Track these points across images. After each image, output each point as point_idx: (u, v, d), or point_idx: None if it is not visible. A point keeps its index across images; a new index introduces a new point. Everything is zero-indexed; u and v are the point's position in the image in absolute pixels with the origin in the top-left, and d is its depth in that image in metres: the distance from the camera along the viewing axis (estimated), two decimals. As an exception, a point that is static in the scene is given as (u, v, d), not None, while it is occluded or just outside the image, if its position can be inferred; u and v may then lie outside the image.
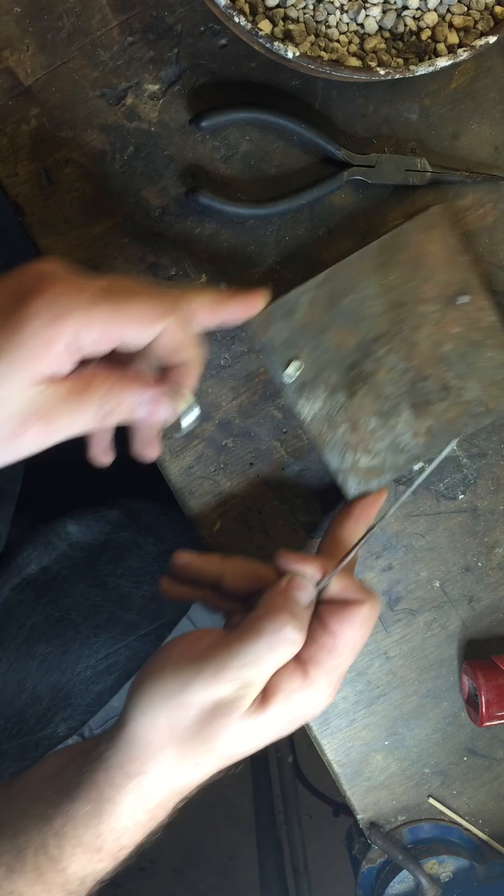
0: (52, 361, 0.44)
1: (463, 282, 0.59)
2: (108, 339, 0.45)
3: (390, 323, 0.60)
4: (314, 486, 0.64)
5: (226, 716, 0.48)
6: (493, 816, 0.69)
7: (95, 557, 0.88)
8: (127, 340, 0.46)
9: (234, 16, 0.51)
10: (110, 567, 0.88)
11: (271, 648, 0.48)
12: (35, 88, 0.59)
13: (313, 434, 0.60)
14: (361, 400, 0.60)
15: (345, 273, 0.59)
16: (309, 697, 0.50)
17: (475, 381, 0.60)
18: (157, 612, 0.90)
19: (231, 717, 0.48)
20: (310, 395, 0.60)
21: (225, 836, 1.80)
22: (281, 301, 0.59)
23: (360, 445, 0.61)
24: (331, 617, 0.51)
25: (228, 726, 0.48)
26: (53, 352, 0.43)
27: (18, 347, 0.43)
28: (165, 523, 0.92)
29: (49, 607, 0.81)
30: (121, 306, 0.45)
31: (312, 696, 0.50)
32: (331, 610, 0.52)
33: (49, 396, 0.44)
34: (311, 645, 0.50)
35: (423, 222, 0.59)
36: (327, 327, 0.59)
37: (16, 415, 0.44)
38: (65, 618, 0.81)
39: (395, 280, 0.59)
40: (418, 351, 0.60)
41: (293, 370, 0.59)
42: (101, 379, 0.46)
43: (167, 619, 0.90)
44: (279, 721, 0.49)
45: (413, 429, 0.61)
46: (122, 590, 0.88)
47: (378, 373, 0.60)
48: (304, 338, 0.59)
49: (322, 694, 0.51)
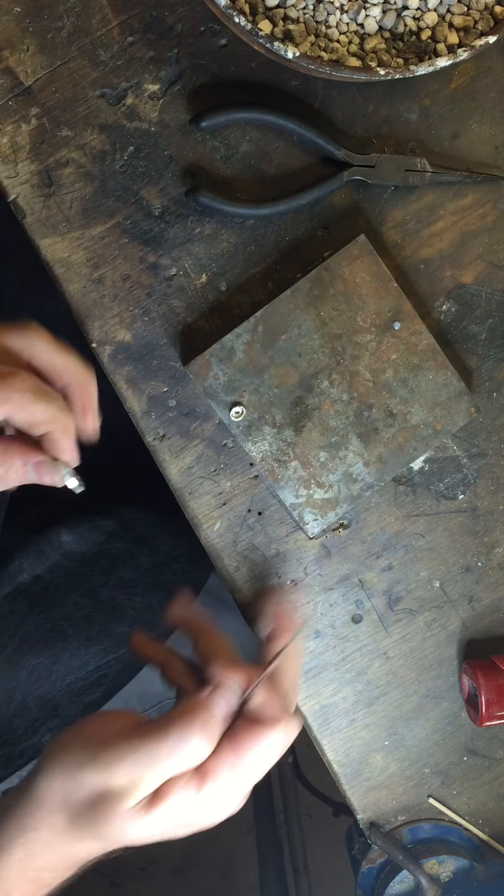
0: None
1: (395, 308, 0.60)
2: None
3: (329, 356, 0.60)
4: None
5: (111, 805, 0.47)
6: (493, 816, 0.69)
7: (89, 568, 0.88)
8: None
9: (234, 16, 0.51)
10: (103, 578, 0.88)
11: (171, 755, 0.47)
12: (35, 88, 0.59)
13: (265, 473, 0.61)
14: (309, 435, 0.61)
15: (278, 312, 0.60)
16: (199, 809, 0.49)
17: (419, 404, 0.61)
18: (149, 624, 0.90)
19: (116, 808, 0.47)
20: (257, 435, 0.61)
21: (225, 836, 1.80)
22: (217, 346, 0.59)
23: (313, 479, 0.61)
24: (242, 732, 0.50)
25: (113, 816, 0.47)
26: None
27: None
28: (160, 535, 0.92)
29: (40, 617, 0.81)
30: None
31: (203, 808, 0.49)
32: (244, 725, 0.50)
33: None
34: (215, 757, 0.49)
35: (349, 254, 0.60)
36: (267, 367, 0.60)
37: None
38: (56, 628, 0.81)
39: (329, 313, 0.60)
40: (359, 381, 0.61)
41: (237, 413, 0.60)
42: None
43: (159, 631, 0.90)
44: (165, 824, 0.49)
45: (364, 458, 0.61)
46: (115, 601, 0.88)
47: (322, 406, 0.61)
48: (245, 379, 0.60)
49: (215, 808, 0.50)
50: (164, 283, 0.61)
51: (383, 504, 0.64)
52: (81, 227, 0.60)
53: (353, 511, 0.64)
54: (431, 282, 0.63)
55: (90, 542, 0.89)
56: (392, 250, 0.62)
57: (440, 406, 0.61)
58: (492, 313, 0.64)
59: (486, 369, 0.64)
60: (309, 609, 0.65)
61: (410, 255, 0.63)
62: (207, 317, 0.62)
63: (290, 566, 0.64)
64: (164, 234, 0.61)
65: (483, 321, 0.64)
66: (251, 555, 0.64)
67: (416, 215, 0.62)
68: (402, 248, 0.62)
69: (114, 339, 0.61)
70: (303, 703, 0.66)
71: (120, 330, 0.61)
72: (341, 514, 0.62)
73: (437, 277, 0.63)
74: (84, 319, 0.61)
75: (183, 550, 0.92)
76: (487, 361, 0.64)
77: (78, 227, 0.60)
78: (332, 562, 0.65)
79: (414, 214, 0.62)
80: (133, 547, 0.90)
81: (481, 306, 0.63)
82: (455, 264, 0.63)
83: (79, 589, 0.87)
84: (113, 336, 0.61)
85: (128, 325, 0.61)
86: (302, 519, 0.62)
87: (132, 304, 0.61)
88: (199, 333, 0.62)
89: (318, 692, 0.66)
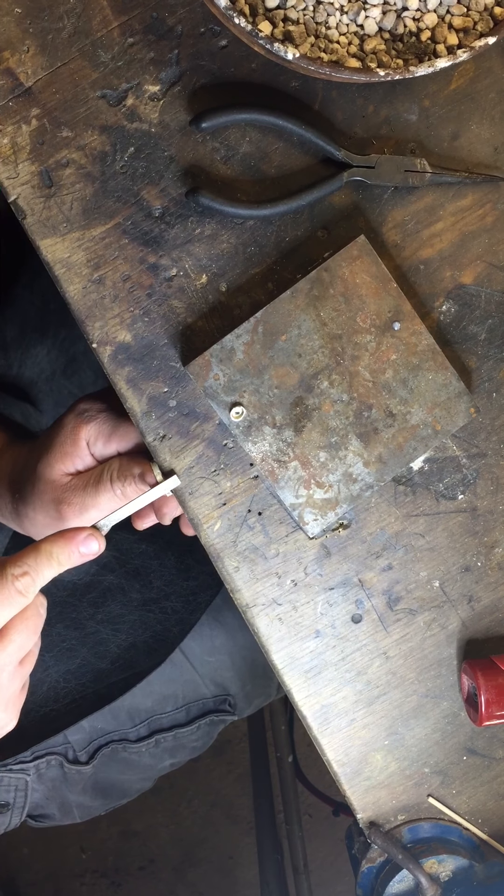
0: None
1: (395, 308, 0.60)
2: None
3: (328, 356, 0.60)
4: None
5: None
6: (493, 816, 0.69)
7: (77, 598, 0.88)
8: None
9: (234, 17, 0.51)
10: (91, 610, 0.88)
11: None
12: (35, 89, 0.59)
13: (265, 473, 0.61)
14: (309, 435, 0.61)
15: (278, 313, 0.60)
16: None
17: (419, 405, 0.61)
18: (130, 662, 0.90)
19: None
20: (257, 435, 0.61)
21: (225, 836, 1.80)
22: (217, 347, 0.59)
23: (313, 479, 0.61)
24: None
25: None
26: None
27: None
28: (156, 568, 0.91)
29: None
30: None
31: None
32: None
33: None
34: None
35: (349, 254, 0.60)
36: (267, 367, 0.60)
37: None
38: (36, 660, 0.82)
39: (329, 314, 0.60)
40: (359, 381, 0.61)
41: (237, 413, 0.60)
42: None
43: (139, 669, 0.90)
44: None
45: (363, 458, 0.61)
46: (100, 635, 0.88)
47: (322, 407, 0.61)
48: (245, 380, 0.60)
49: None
50: (165, 283, 0.61)
51: (383, 504, 0.64)
52: (82, 228, 0.60)
53: (352, 511, 0.64)
54: (431, 282, 0.63)
55: (81, 571, 0.89)
56: (392, 251, 0.63)
57: (440, 406, 0.61)
58: (491, 313, 0.64)
59: (486, 369, 0.64)
60: (309, 609, 0.65)
61: (410, 256, 0.63)
62: (207, 317, 0.62)
63: (290, 566, 0.64)
64: (165, 234, 0.61)
65: (483, 321, 0.64)
66: (251, 555, 0.64)
67: (415, 216, 0.62)
68: (402, 249, 0.63)
69: (114, 339, 0.61)
70: (303, 703, 0.66)
71: (120, 330, 0.61)
72: (341, 514, 0.62)
73: (436, 278, 0.63)
74: (84, 320, 0.61)
75: (176, 588, 0.92)
76: (487, 362, 0.64)
77: (78, 227, 0.60)
78: (332, 562, 0.65)
79: (414, 215, 0.62)
80: (125, 581, 0.89)
81: (481, 307, 0.64)
82: (455, 265, 0.63)
83: (65, 619, 0.87)
84: (113, 336, 0.61)
85: (128, 326, 0.61)
86: (302, 519, 0.62)
87: (132, 304, 0.61)
88: (199, 334, 0.62)
89: (318, 692, 0.66)
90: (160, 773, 1.00)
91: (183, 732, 0.95)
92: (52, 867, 1.79)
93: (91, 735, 0.92)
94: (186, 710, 0.95)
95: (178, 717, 0.95)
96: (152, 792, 1.05)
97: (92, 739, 0.92)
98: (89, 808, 0.97)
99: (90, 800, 0.96)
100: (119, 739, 0.93)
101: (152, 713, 0.94)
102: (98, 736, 0.92)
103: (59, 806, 0.94)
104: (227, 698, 0.98)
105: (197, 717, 0.96)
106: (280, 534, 0.64)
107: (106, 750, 0.92)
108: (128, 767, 0.95)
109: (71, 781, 0.93)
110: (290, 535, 0.64)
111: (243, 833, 1.78)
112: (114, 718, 0.93)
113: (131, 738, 0.93)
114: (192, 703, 0.96)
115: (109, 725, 0.92)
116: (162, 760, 0.97)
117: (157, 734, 0.94)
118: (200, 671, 0.95)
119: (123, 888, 1.80)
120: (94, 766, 0.92)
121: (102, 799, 0.97)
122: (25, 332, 0.90)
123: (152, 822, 1.79)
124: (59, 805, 0.94)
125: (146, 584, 0.90)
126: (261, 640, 0.65)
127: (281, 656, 0.65)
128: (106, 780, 0.95)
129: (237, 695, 0.99)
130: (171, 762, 0.99)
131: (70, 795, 0.94)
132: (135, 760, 0.95)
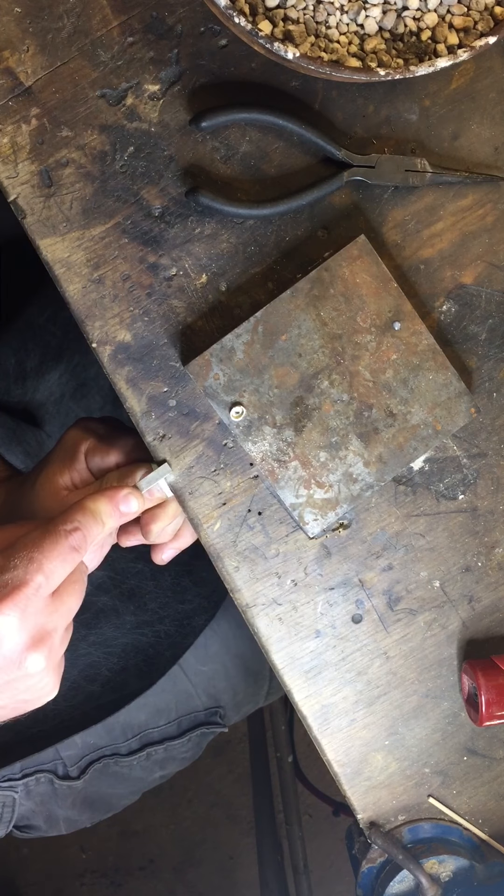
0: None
1: (395, 308, 0.60)
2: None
3: (329, 356, 0.60)
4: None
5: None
6: (493, 816, 0.69)
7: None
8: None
9: (234, 16, 0.51)
10: (83, 631, 0.87)
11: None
12: (35, 89, 0.59)
13: (265, 473, 0.61)
14: (309, 435, 0.61)
15: (278, 312, 0.60)
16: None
17: (419, 404, 0.61)
18: (120, 685, 0.89)
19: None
20: (257, 435, 0.61)
21: (225, 836, 1.80)
22: (217, 346, 0.59)
23: (313, 479, 0.61)
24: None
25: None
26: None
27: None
28: (151, 590, 0.91)
29: None
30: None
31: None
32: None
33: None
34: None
35: (349, 254, 0.60)
36: (267, 367, 0.60)
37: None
38: None
39: (329, 314, 0.60)
40: (359, 381, 0.61)
41: (237, 413, 0.60)
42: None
43: (128, 692, 0.89)
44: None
45: (364, 458, 0.61)
46: (91, 658, 0.87)
47: (322, 406, 0.61)
48: (245, 379, 0.60)
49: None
50: (164, 283, 0.61)
51: (383, 504, 0.64)
52: (81, 228, 0.60)
53: (353, 511, 0.64)
54: (431, 282, 0.63)
55: None
56: (392, 250, 0.62)
57: (440, 406, 0.61)
58: (492, 313, 0.64)
59: (486, 369, 0.64)
60: (309, 609, 0.65)
61: (410, 256, 0.63)
62: (207, 317, 0.62)
63: (290, 566, 0.64)
64: (164, 234, 0.61)
65: (483, 321, 0.64)
66: (251, 555, 0.64)
67: (416, 216, 0.62)
68: (402, 249, 0.63)
69: (114, 339, 0.61)
70: (303, 703, 0.66)
71: (120, 330, 0.61)
72: (341, 514, 0.62)
73: (437, 278, 0.63)
74: (84, 319, 0.61)
75: (170, 611, 0.91)
76: (487, 362, 0.64)
77: (78, 227, 0.60)
78: (332, 562, 0.65)
79: (414, 215, 0.62)
80: (119, 602, 0.89)
81: (481, 306, 0.63)
82: (455, 265, 0.63)
83: None
84: (113, 336, 0.61)
85: (128, 326, 0.61)
86: (302, 519, 0.62)
87: (132, 304, 0.61)
88: (199, 333, 0.62)
89: (318, 692, 0.66)
90: (150, 785, 1.00)
91: (174, 745, 0.95)
92: (52, 867, 1.79)
93: (84, 750, 0.92)
94: (178, 724, 0.96)
95: (169, 730, 0.95)
96: (152, 792, 1.05)
97: (84, 755, 0.92)
98: (76, 821, 0.97)
99: (77, 814, 0.96)
100: (111, 754, 0.93)
101: (145, 727, 0.94)
102: (91, 751, 0.92)
103: (45, 819, 0.94)
104: (217, 710, 0.98)
105: (188, 730, 0.96)
106: (280, 534, 0.64)
107: (97, 765, 0.92)
108: (118, 781, 0.95)
109: (61, 796, 0.93)
110: (291, 535, 0.64)
111: (243, 833, 1.78)
112: (107, 733, 0.92)
113: (123, 752, 0.93)
114: (185, 716, 0.96)
115: (102, 741, 0.92)
116: (152, 773, 0.97)
117: (149, 747, 0.94)
118: (194, 681, 0.95)
119: (123, 888, 1.80)
120: (84, 781, 0.92)
121: (90, 812, 0.97)
122: (45, 361, 0.90)
123: (152, 822, 1.79)
124: (45, 818, 0.94)
125: (140, 605, 0.90)
126: (261, 640, 0.65)
127: (281, 656, 0.65)
128: (95, 794, 0.95)
129: (227, 705, 0.99)
130: (160, 774, 0.99)
131: (58, 810, 0.94)
132: (125, 774, 0.95)
